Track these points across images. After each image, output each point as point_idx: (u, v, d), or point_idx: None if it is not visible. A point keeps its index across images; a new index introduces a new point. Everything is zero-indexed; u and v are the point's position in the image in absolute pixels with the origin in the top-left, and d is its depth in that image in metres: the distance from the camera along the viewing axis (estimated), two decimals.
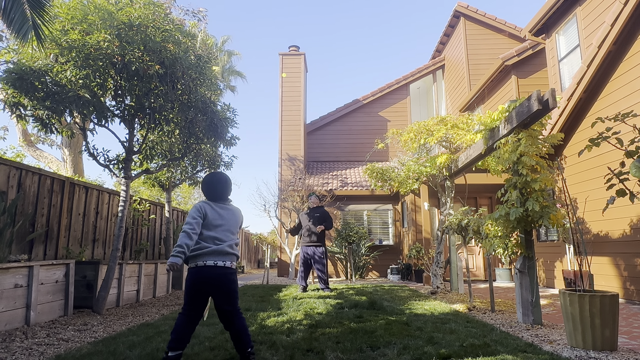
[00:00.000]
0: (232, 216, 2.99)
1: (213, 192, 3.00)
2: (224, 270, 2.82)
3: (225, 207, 2.99)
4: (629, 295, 6.03)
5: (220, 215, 2.92)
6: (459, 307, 5.53)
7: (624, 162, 3.29)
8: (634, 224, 5.92)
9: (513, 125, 4.62)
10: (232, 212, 3.01)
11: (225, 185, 3.03)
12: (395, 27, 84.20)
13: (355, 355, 3.11)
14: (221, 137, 6.65)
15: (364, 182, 12.61)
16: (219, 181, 3.03)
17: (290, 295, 6.84)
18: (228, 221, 2.94)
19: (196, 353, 3.15)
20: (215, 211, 2.92)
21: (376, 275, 12.05)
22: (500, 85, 10.96)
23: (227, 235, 2.89)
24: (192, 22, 6.75)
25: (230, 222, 2.95)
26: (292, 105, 14.14)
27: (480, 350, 3.17)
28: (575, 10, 7.95)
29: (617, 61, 6.36)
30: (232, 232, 2.94)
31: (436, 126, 7.60)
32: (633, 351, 3.25)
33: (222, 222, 2.90)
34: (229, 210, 2.99)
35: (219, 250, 2.81)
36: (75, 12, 5.00)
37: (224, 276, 2.81)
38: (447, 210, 7.57)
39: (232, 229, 2.94)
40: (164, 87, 5.36)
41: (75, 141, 11.95)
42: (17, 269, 4.19)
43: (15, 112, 5.19)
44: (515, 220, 4.49)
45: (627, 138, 5.21)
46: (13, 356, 3.16)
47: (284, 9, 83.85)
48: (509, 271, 9.61)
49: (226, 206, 3.00)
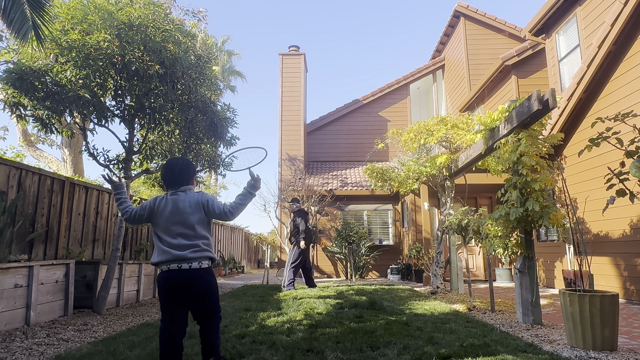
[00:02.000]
0: (183, 204, 2.56)
1: (163, 179, 2.68)
2: (190, 273, 2.46)
3: (176, 196, 2.60)
4: (629, 295, 6.03)
5: (172, 207, 2.56)
6: (459, 307, 5.53)
7: (624, 162, 3.29)
8: (634, 224, 5.92)
9: (513, 125, 4.62)
10: (183, 199, 2.58)
11: (173, 170, 2.65)
12: (395, 27, 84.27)
13: (355, 355, 3.10)
14: (221, 137, 6.65)
15: (364, 182, 12.61)
16: (167, 167, 2.69)
17: (290, 295, 6.84)
18: (181, 212, 2.54)
19: (196, 353, 3.15)
20: (165, 202, 2.58)
21: (376, 275, 12.04)
22: (500, 85, 10.96)
23: (178, 230, 2.51)
24: (192, 22, 6.75)
25: (183, 213, 2.54)
26: (292, 105, 14.15)
27: (480, 350, 3.17)
28: (575, 10, 7.95)
29: (617, 61, 6.36)
30: (186, 224, 2.52)
31: (436, 126, 7.60)
32: (633, 351, 3.25)
33: (175, 216, 2.53)
34: (180, 199, 2.58)
35: (173, 254, 2.47)
36: (75, 12, 5.00)
37: (192, 279, 2.47)
38: (447, 210, 7.57)
39: (187, 219, 2.52)
40: (164, 87, 5.36)
41: (75, 141, 11.94)
42: (17, 269, 4.19)
43: (15, 112, 5.19)
44: (515, 220, 4.49)
45: (627, 138, 5.21)
46: (13, 356, 3.16)
47: (284, 9, 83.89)
48: (509, 271, 9.61)
49: (177, 196, 2.60)
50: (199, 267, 2.49)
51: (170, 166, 2.69)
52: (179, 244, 2.49)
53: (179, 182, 2.65)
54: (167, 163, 2.73)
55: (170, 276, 2.46)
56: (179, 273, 2.45)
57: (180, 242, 2.49)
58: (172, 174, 2.66)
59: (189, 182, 2.69)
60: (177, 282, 2.46)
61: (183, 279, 2.46)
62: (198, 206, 2.58)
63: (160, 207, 2.58)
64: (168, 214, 2.55)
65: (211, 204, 2.60)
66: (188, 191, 2.64)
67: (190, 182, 2.70)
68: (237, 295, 7.12)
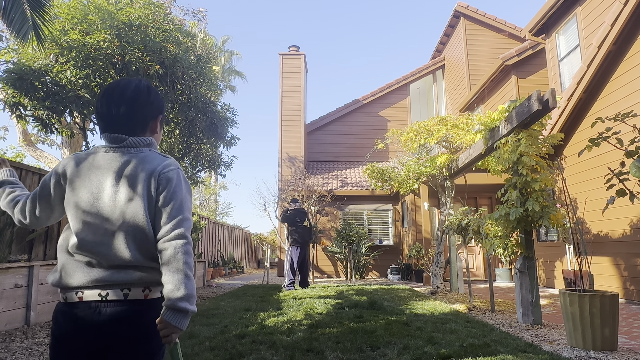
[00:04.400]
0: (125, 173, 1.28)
1: (96, 116, 1.40)
2: (108, 311, 1.22)
3: (112, 153, 1.31)
4: (629, 295, 6.03)
5: (94, 176, 1.28)
6: (459, 307, 5.53)
7: (624, 162, 3.28)
8: (634, 224, 5.92)
9: (513, 125, 4.62)
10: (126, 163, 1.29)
11: (111, 98, 1.34)
12: (395, 27, 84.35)
13: (355, 355, 3.10)
14: (221, 137, 6.66)
15: (364, 182, 12.61)
16: (104, 93, 1.37)
17: (290, 295, 6.84)
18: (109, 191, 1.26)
19: (196, 353, 3.15)
20: (85, 166, 1.30)
21: (376, 275, 12.04)
22: (500, 85, 10.96)
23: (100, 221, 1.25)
24: (192, 22, 6.75)
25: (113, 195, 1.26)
26: (292, 106, 14.14)
27: (480, 350, 3.17)
28: (575, 10, 7.95)
29: (617, 61, 6.36)
30: (106, 217, 1.24)
31: (436, 126, 7.61)
32: (633, 351, 3.25)
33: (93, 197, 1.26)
34: (115, 160, 1.30)
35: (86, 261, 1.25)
36: (75, 12, 5.00)
37: (106, 328, 1.21)
38: (447, 210, 7.57)
39: (108, 212, 1.25)
40: (164, 87, 5.36)
41: (75, 141, 11.93)
42: (17, 269, 4.19)
43: (15, 112, 5.20)
44: (515, 220, 4.49)
45: (627, 138, 5.21)
46: (13, 356, 3.16)
47: (284, 9, 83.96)
48: (509, 271, 9.61)
49: (117, 152, 1.31)
50: (145, 299, 1.25)
51: (111, 91, 1.35)
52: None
53: (125, 123, 1.33)
54: (107, 87, 1.39)
55: (80, 315, 1.24)
56: (97, 310, 1.22)
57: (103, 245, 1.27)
58: (113, 102, 1.34)
59: (145, 127, 1.38)
60: (88, 330, 1.22)
61: (102, 324, 1.22)
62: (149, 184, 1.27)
63: (77, 175, 1.29)
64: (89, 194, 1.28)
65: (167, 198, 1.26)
66: (144, 149, 1.34)
67: (147, 128, 1.39)
68: (237, 295, 7.12)
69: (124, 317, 1.23)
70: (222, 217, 22.99)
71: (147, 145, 1.36)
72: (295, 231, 8.21)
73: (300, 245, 8.19)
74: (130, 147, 1.33)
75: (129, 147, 1.33)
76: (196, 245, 10.62)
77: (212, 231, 13.44)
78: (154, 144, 1.41)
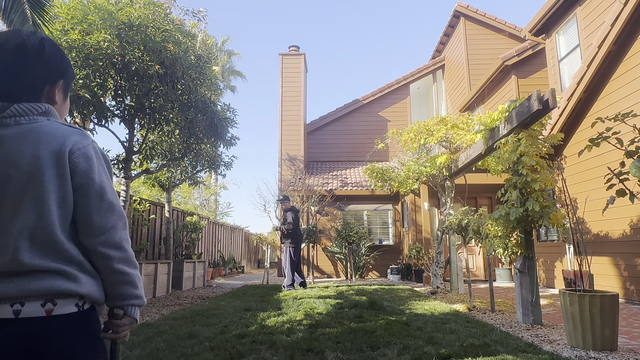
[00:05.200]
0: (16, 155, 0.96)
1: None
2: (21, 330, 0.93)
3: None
4: (629, 295, 6.03)
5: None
6: (459, 307, 5.53)
7: (624, 162, 3.28)
8: (634, 224, 5.92)
9: (513, 125, 4.62)
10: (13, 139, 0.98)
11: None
12: (395, 27, 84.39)
13: (355, 355, 3.10)
14: (221, 137, 6.66)
15: (364, 182, 12.61)
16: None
17: (290, 295, 6.84)
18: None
19: (196, 353, 3.15)
20: None
21: (376, 275, 12.04)
22: (500, 85, 10.96)
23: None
24: (192, 22, 6.75)
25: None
26: (292, 106, 14.14)
27: (480, 350, 3.17)
28: (575, 10, 7.95)
29: (617, 61, 6.36)
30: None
31: (436, 126, 7.61)
32: (633, 351, 3.25)
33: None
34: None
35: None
36: (75, 12, 5.00)
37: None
38: (447, 210, 7.57)
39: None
40: (164, 87, 5.36)
41: None
42: None
43: None
44: (515, 220, 4.49)
45: (627, 138, 5.21)
46: None
47: (284, 9, 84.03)
48: (509, 271, 9.61)
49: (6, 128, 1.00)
50: (46, 315, 0.97)
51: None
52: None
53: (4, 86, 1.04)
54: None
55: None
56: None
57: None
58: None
59: (36, 93, 1.07)
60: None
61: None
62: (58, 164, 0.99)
63: None
64: None
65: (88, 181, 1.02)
66: (38, 117, 1.04)
67: (41, 94, 1.08)
68: (237, 295, 7.12)
69: (14, 345, 0.90)
70: (222, 217, 22.99)
71: (42, 113, 1.04)
72: (294, 232, 8.19)
73: (297, 244, 8.17)
74: (15, 116, 1.00)
75: (15, 117, 1.00)
76: (196, 245, 10.62)
77: (212, 231, 13.45)
78: (53, 112, 1.07)
